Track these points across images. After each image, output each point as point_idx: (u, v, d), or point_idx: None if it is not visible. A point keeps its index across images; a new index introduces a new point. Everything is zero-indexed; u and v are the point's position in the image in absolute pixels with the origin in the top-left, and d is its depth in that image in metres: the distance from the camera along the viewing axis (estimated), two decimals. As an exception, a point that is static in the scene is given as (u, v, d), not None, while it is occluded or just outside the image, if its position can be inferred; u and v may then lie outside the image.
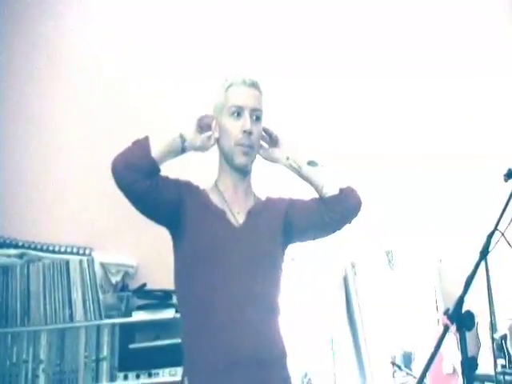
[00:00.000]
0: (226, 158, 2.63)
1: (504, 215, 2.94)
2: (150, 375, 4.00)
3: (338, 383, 4.70)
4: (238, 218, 2.60)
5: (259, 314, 2.47)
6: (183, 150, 2.59)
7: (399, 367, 4.48)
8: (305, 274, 4.80)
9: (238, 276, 2.48)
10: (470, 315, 2.74)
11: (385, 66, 5.28)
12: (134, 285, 4.40)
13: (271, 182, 3.05)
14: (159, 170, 2.50)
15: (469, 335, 3.42)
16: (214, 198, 2.62)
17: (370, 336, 4.82)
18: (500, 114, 5.30)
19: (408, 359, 4.79)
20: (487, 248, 2.86)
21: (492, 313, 4.77)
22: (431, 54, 5.37)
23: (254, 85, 2.60)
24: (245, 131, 2.55)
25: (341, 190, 2.63)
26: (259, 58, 4.95)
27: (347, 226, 2.71)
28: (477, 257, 2.91)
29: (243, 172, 2.64)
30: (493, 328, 4.80)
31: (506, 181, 3.02)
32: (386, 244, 5.04)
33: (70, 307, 4.07)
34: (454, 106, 5.32)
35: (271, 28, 5.19)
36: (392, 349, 4.76)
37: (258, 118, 2.61)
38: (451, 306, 2.80)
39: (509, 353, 4.83)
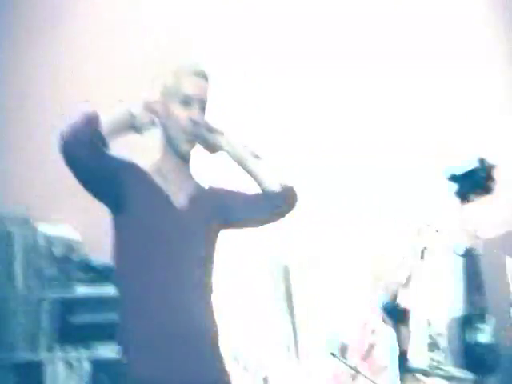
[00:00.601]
0: (169, 142, 2.68)
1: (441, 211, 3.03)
2: (88, 349, 4.00)
3: (276, 372, 4.77)
4: (179, 200, 2.64)
5: (193, 293, 2.53)
6: (133, 128, 2.61)
7: (335, 356, 4.56)
8: (246, 261, 4.86)
9: (175, 255, 2.54)
10: (404, 310, 2.83)
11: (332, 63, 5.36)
12: (77, 258, 4.39)
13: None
14: (107, 145, 2.51)
15: (403, 329, 3.53)
16: (158, 179, 2.66)
17: (308, 325, 4.92)
18: (434, 112, 5.41)
19: (344, 350, 4.88)
20: (424, 246, 2.95)
21: (429, 309, 4.90)
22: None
23: (205, 76, 2.65)
24: (192, 121, 2.60)
25: (282, 186, 2.70)
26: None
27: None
28: (414, 252, 2.99)
29: (185, 158, 2.69)
30: (428, 324, 4.93)
31: (447, 181, 3.10)
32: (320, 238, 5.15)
33: (12, 279, 4.05)
34: (391, 103, 5.42)
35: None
36: (329, 339, 4.85)
37: (204, 109, 2.67)
38: (387, 300, 2.87)
39: (442, 348, 4.96)
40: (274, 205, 2.69)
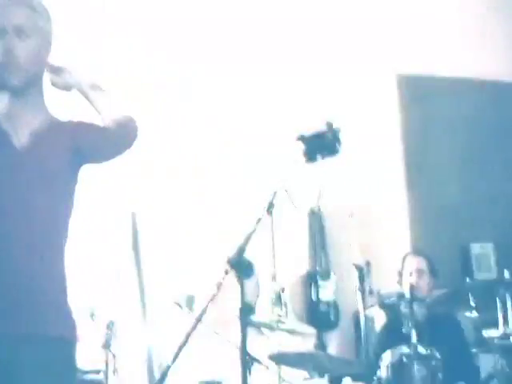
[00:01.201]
0: None
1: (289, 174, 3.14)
2: None
3: (122, 322, 4.79)
4: (21, 138, 2.53)
5: (41, 245, 2.45)
6: None
7: (181, 307, 4.61)
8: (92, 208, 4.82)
9: (16, 202, 2.44)
10: (248, 263, 2.91)
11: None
12: None
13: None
14: None
15: (251, 285, 3.64)
16: (3, 123, 2.55)
17: (155, 275, 4.98)
18: (287, 78, 5.61)
19: (191, 302, 4.96)
20: (271, 203, 3.05)
21: (273, 265, 5.06)
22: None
23: (20, 2, 2.54)
24: (5, 50, 2.50)
25: (120, 118, 2.59)
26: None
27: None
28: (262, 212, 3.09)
29: (17, 93, 2.56)
30: (273, 279, 5.09)
31: (295, 142, 3.21)
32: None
33: None
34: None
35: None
36: (176, 291, 4.92)
37: (27, 36, 2.54)
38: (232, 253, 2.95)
39: (285, 303, 5.15)
40: (113, 137, 2.56)
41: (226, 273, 3.00)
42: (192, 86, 5.34)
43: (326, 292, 5.40)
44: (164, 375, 3.27)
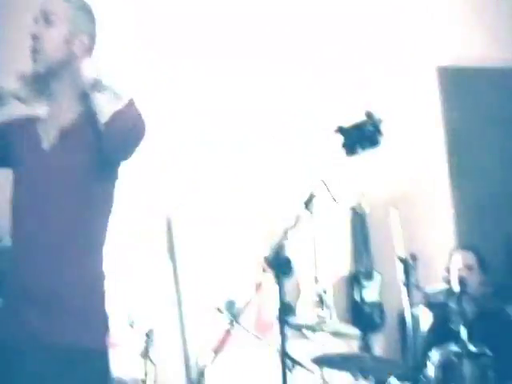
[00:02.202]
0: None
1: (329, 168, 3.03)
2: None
3: (162, 329, 4.72)
4: (50, 138, 2.47)
5: (66, 248, 2.38)
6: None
7: (221, 312, 4.52)
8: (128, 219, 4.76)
9: (45, 204, 2.37)
10: (287, 261, 2.81)
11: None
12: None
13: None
14: None
15: (290, 284, 3.47)
16: (41, 124, 2.51)
17: (193, 282, 4.88)
18: (323, 68, 5.50)
19: (232, 307, 4.87)
20: (311, 199, 2.93)
21: (315, 266, 4.93)
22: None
23: None
24: (32, 36, 2.43)
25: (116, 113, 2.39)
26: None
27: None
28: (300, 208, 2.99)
29: (40, 82, 2.49)
30: (315, 280, 4.97)
31: (335, 134, 3.09)
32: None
33: None
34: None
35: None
36: (216, 297, 4.83)
37: (53, 23, 2.47)
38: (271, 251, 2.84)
39: (328, 304, 5.03)
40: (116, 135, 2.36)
41: (264, 271, 2.88)
42: (227, 81, 5.29)
43: (370, 292, 5.30)
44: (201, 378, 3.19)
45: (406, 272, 3.68)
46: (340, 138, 3.18)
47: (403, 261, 3.71)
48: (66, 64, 2.45)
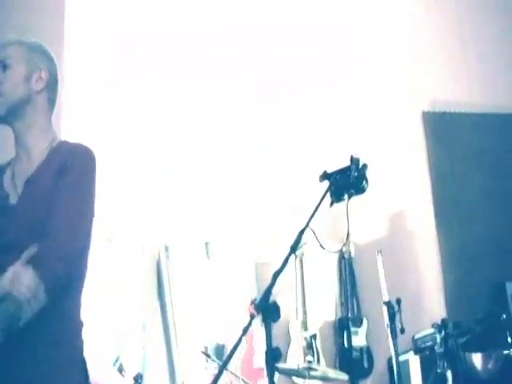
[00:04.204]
0: None
1: (316, 214, 3.04)
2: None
3: (149, 369, 4.68)
4: (18, 190, 2.48)
5: None
6: None
7: (209, 356, 4.49)
8: (119, 255, 4.75)
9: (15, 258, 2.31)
10: (275, 306, 2.80)
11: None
12: None
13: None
14: None
15: (280, 331, 3.44)
16: (6, 175, 2.52)
17: (183, 325, 4.84)
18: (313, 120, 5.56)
19: (221, 351, 4.84)
20: (297, 243, 2.94)
21: (304, 312, 4.93)
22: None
23: (10, 40, 2.55)
24: None
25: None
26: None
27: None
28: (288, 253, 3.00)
29: (6, 122, 2.51)
30: (304, 326, 4.96)
31: (320, 181, 3.13)
32: (204, 232, 5.15)
33: None
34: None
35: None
36: (205, 340, 4.80)
37: (9, 67, 2.48)
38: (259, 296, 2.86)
39: (317, 350, 5.01)
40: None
41: (252, 317, 2.88)
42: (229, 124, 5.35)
43: (359, 338, 5.29)
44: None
45: (392, 317, 3.68)
46: (325, 184, 3.22)
47: (389, 305, 3.72)
48: (27, 102, 2.50)
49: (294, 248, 3.08)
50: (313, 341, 5.03)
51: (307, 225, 3.14)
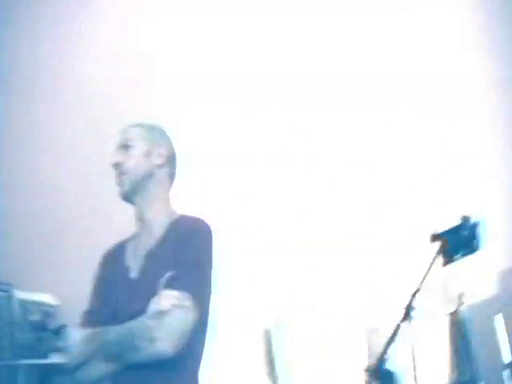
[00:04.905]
0: None
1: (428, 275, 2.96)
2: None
3: None
4: (137, 264, 2.57)
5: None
6: None
7: None
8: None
9: None
10: (389, 373, 2.71)
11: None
12: (53, 325, 4.27)
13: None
14: None
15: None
16: (128, 250, 2.62)
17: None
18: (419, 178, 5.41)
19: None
20: (411, 304, 2.85)
21: (414, 377, 4.78)
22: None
23: (139, 125, 2.71)
24: (114, 165, 2.63)
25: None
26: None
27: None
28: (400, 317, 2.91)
29: (129, 202, 2.63)
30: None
31: (431, 242, 3.04)
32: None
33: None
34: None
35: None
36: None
37: (129, 147, 2.63)
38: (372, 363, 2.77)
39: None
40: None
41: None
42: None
43: (476, 403, 5.08)
44: None
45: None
46: (436, 245, 3.13)
47: (510, 367, 3.56)
48: (149, 176, 2.62)
49: (408, 311, 2.99)
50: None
51: (420, 287, 3.05)
